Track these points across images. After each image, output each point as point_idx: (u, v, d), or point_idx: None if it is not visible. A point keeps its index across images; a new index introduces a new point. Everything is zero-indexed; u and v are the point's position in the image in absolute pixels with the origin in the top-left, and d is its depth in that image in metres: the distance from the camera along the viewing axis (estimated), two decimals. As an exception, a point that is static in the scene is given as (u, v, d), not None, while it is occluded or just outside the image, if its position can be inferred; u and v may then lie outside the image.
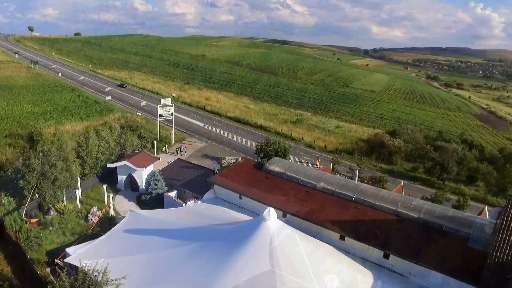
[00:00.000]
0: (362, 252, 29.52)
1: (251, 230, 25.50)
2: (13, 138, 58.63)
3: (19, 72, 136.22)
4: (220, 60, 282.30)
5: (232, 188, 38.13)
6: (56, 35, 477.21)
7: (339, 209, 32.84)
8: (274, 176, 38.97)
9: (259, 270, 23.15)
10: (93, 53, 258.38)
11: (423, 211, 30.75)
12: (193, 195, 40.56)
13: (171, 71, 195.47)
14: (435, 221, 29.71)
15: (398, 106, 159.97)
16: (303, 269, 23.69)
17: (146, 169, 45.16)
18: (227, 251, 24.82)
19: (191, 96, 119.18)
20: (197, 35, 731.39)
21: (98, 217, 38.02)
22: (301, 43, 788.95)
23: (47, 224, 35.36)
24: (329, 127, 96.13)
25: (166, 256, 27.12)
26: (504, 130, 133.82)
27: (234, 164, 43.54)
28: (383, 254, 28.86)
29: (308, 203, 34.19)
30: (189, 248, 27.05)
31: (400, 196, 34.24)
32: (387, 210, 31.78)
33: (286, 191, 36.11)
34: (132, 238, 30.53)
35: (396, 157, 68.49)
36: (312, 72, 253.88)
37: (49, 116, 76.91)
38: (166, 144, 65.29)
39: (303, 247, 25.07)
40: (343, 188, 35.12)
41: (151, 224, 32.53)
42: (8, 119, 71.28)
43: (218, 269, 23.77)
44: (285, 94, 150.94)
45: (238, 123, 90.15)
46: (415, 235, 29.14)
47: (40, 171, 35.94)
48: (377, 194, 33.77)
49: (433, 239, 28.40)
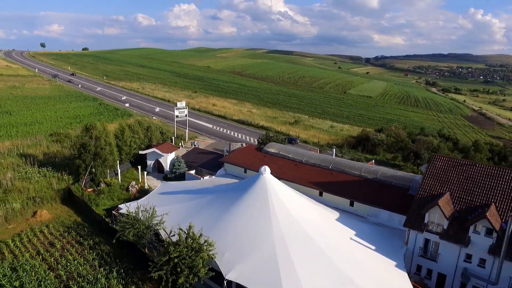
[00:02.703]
0: (334, 203, 40.56)
1: (252, 182, 36.69)
2: (56, 136, 70.55)
3: (43, 85, 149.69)
4: (224, 70, 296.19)
5: (239, 165, 49.51)
6: (66, 50, 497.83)
7: (319, 175, 44.04)
8: (271, 155, 50.31)
9: (259, 206, 34.23)
10: (104, 66, 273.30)
11: (379, 173, 41.92)
12: (208, 172, 51.98)
13: (179, 81, 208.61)
14: (387, 179, 40.82)
15: (392, 110, 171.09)
16: (289, 205, 34.73)
17: (169, 155, 56.72)
18: (238, 195, 35.97)
19: (199, 103, 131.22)
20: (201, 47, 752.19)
21: (136, 189, 49.46)
22: (303, 53, 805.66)
23: (100, 192, 46.88)
24: (324, 127, 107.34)
25: (192, 204, 38.34)
26: (490, 129, 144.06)
27: (239, 148, 54.97)
28: (349, 202, 39.96)
29: (296, 172, 45.42)
30: (208, 198, 38.30)
31: (364, 165, 45.48)
32: (353, 174, 42.94)
33: (280, 165, 47.34)
34: (166, 196, 41.84)
35: (378, 148, 79.41)
36: (312, 80, 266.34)
37: (79, 119, 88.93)
38: (181, 140, 76.86)
39: (289, 191, 36.28)
40: (322, 161, 46.40)
41: (178, 188, 43.92)
42: (47, 122, 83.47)
43: (232, 205, 34.93)
44: (285, 100, 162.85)
45: (242, 125, 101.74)
46: (372, 189, 40.23)
47: (94, 152, 47.57)
48: (347, 164, 45.02)
49: (385, 191, 39.46)
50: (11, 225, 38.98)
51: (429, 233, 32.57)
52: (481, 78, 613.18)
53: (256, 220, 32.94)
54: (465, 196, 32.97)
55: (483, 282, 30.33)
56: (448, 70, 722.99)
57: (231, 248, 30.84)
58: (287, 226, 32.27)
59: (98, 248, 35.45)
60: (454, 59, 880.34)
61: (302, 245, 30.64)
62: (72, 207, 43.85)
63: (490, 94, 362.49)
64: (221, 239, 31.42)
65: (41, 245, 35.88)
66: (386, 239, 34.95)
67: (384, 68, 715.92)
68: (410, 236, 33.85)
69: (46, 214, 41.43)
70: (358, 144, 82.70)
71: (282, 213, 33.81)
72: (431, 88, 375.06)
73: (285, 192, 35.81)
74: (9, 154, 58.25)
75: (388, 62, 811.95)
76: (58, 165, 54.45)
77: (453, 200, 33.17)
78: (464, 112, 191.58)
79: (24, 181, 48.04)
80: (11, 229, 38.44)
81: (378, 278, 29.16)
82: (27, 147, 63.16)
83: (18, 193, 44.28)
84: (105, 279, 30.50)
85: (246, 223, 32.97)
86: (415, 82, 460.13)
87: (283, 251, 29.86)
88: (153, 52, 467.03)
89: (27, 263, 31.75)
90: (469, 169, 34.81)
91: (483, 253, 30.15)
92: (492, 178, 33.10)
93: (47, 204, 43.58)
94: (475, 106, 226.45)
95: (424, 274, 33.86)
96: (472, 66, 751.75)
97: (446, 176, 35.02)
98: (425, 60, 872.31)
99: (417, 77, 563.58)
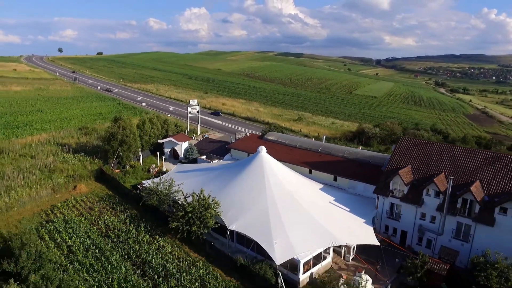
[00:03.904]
0: (321, 179, 48.54)
1: (252, 159, 45.04)
2: (84, 129, 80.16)
3: (65, 87, 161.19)
4: (234, 73, 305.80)
5: (243, 150, 57.95)
6: (82, 55, 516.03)
7: (309, 156, 52.14)
8: (270, 142, 58.58)
9: (256, 176, 42.50)
10: (119, 69, 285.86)
11: (359, 154, 49.86)
12: (217, 157, 60.58)
13: (191, 83, 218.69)
14: (365, 159, 48.70)
15: (395, 108, 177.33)
16: (281, 176, 42.90)
17: (184, 144, 65.53)
18: (240, 169, 44.37)
19: (210, 102, 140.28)
20: (212, 51, 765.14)
21: (156, 170, 58.34)
22: (314, 55, 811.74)
23: (125, 172, 55.90)
24: (325, 123, 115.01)
25: (202, 177, 46.87)
26: (489, 126, 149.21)
27: (244, 137, 63.44)
28: (333, 178, 47.95)
29: (291, 155, 53.61)
30: (216, 173, 46.85)
31: (347, 148, 53.47)
32: (338, 155, 50.93)
33: (277, 150, 55.56)
34: (181, 174, 50.50)
35: (373, 141, 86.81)
36: (319, 81, 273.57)
37: (102, 117, 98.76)
38: (194, 134, 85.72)
39: (281, 166, 44.52)
40: (313, 145, 54.53)
41: (191, 168, 52.59)
42: (74, 119, 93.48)
43: (235, 177, 43.33)
44: (291, 100, 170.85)
45: (249, 121, 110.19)
46: (352, 166, 48.14)
47: (121, 139, 56.67)
48: (334, 147, 53.07)
49: (362, 168, 47.32)
50: (58, 195, 48.24)
51: (393, 198, 40.36)
52: (493, 79, 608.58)
53: (253, 187, 41.26)
54: (423, 168, 40.67)
55: (434, 234, 37.98)
56: (459, 71, 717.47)
57: (233, 208, 39.20)
58: (278, 191, 40.49)
59: (127, 212, 44.30)
60: (467, 59, 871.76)
61: (289, 205, 38.81)
62: (104, 183, 52.96)
63: (499, 94, 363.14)
64: (225, 201, 39.83)
65: (83, 209, 44.94)
66: (360, 204, 42.82)
67: (394, 69, 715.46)
68: (379, 201, 41.69)
69: (84, 187, 50.60)
70: (354, 138, 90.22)
71: (274, 182, 42.00)
72: (439, 88, 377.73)
73: (277, 167, 44.08)
74: (47, 143, 67.98)
75: (399, 64, 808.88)
76: (89, 152, 63.79)
77: (413, 171, 40.90)
78: (467, 111, 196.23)
79: (63, 163, 57.45)
80: (58, 198, 47.67)
81: (347, 229, 37.12)
82: (60, 138, 72.89)
83: (60, 172, 53.65)
84: (135, 231, 39.28)
85: (245, 189, 41.34)
86: (424, 83, 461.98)
87: (273, 208, 38.06)
88: (165, 56, 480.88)
89: (75, 219, 40.79)
90: (427, 146, 42.53)
91: (433, 211, 37.80)
92: (444, 153, 40.76)
93: (84, 180, 52.76)
94: (480, 105, 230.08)
95: (391, 232, 41.61)
96: (485, 67, 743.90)
97: (409, 152, 42.78)
98: (437, 61, 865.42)
99: (427, 78, 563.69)
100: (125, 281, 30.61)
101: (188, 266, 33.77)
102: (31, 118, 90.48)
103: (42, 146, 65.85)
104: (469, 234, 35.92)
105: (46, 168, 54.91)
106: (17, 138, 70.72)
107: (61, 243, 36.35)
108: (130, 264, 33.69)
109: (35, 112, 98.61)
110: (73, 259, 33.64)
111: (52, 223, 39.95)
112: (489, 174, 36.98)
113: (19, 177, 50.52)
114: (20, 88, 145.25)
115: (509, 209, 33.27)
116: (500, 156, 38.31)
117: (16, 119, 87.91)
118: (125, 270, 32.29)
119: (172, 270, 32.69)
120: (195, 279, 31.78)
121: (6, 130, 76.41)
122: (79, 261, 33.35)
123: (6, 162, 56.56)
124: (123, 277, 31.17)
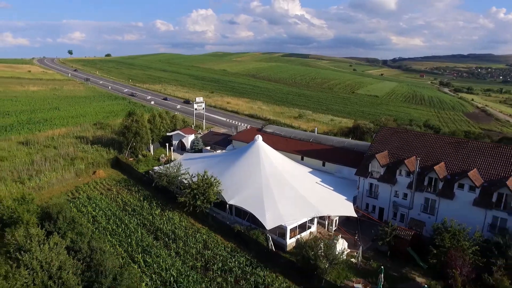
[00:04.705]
0: (311, 165, 54.61)
1: (249, 146, 51.36)
2: (99, 125, 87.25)
3: (78, 87, 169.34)
4: (239, 73, 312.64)
5: (244, 141, 64.21)
6: (90, 57, 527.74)
7: (302, 146, 58.28)
8: (268, 134, 64.83)
9: (253, 160, 48.75)
10: (128, 71, 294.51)
11: (346, 143, 55.90)
12: (220, 147, 67.00)
13: (197, 83, 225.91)
14: (351, 147, 54.70)
15: (394, 107, 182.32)
16: (274, 160, 49.12)
17: (190, 136, 72.09)
18: (239, 155, 50.72)
19: (215, 101, 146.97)
20: (218, 52, 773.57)
21: (165, 159, 64.96)
22: (320, 56, 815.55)
23: (138, 160, 62.63)
24: (324, 120, 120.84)
25: (206, 163, 53.27)
26: (485, 123, 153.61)
27: (245, 130, 69.80)
28: (322, 163, 54.02)
29: (286, 144, 59.79)
30: (218, 158, 53.27)
31: (336, 138, 59.52)
32: (327, 144, 57.01)
33: (274, 140, 61.75)
34: (188, 160, 56.99)
35: (366, 135, 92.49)
36: (323, 81, 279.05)
37: (114, 114, 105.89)
38: (199, 129, 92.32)
39: (275, 152, 50.76)
40: (306, 136, 60.74)
41: (197, 156, 59.07)
42: (88, 116, 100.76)
43: (234, 161, 49.69)
44: (294, 99, 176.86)
45: (252, 118, 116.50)
46: (339, 153, 54.16)
47: (134, 131, 63.40)
48: (324, 137, 59.19)
49: (348, 154, 53.32)
50: (80, 178, 55.09)
51: (372, 179, 46.35)
52: (500, 78, 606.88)
53: (250, 169, 47.57)
54: (398, 152, 46.56)
55: (406, 209, 43.88)
56: (466, 70, 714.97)
57: (232, 186, 45.51)
58: (271, 172, 46.72)
59: (141, 192, 50.87)
60: (475, 59, 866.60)
61: (280, 183, 45.01)
62: (119, 170, 59.68)
63: (503, 93, 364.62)
64: (226, 181, 46.14)
65: (102, 189, 51.69)
66: (344, 185, 48.81)
67: (400, 69, 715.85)
68: (360, 182, 47.68)
69: (102, 173, 57.38)
70: (350, 132, 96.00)
71: (268, 165, 48.28)
72: (443, 88, 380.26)
73: (272, 153, 50.39)
74: (67, 136, 75.12)
75: (406, 64, 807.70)
76: (104, 143, 70.65)
77: (389, 156, 46.80)
78: (467, 109, 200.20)
79: (82, 153, 64.37)
80: (81, 181, 54.50)
81: (330, 203, 43.21)
82: (78, 132, 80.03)
83: (81, 159, 60.55)
84: (148, 206, 45.87)
85: (243, 171, 47.68)
86: (430, 83, 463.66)
87: (266, 186, 44.29)
88: (172, 57, 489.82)
89: (97, 196, 47.54)
90: (403, 134, 48.49)
91: (404, 189, 43.70)
92: (417, 139, 46.66)
93: (101, 167, 59.52)
94: (482, 104, 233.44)
95: (371, 209, 47.52)
96: (492, 66, 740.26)
97: (387, 140, 48.75)
98: (444, 61, 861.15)
99: (433, 78, 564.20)
100: (141, 241, 37.13)
101: (193, 233, 40.17)
102: (50, 115, 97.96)
103: (62, 139, 72.99)
104: (434, 207, 41.78)
105: (68, 157, 61.88)
106: (40, 132, 78.03)
107: (86, 214, 43.06)
108: (145, 230, 40.23)
109: (52, 109, 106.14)
110: (98, 226, 40.30)
111: (77, 199, 46.75)
112: (452, 156, 42.82)
113: (46, 163, 57.50)
114: (36, 88, 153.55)
115: (465, 184, 39.10)
116: (462, 141, 44.16)
117: (36, 115, 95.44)
118: (141, 234, 38.85)
119: (180, 234, 39.15)
120: (199, 242, 38.15)
121: (29, 125, 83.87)
122: (103, 227, 40.00)
123: (33, 152, 63.70)
124: (139, 239, 37.69)
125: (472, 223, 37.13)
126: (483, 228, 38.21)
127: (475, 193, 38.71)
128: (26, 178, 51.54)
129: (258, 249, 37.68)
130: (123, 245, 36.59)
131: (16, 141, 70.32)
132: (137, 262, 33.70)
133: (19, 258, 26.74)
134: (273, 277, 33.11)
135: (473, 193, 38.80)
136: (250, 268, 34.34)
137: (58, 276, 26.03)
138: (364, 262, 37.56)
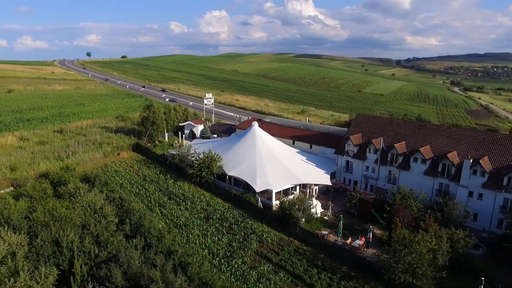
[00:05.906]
0: (301, 147, 64.28)
1: (247, 132, 61.42)
2: (120, 117, 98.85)
3: (98, 86, 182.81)
4: (250, 74, 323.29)
5: (245, 129, 74.26)
6: (107, 58, 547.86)
7: (294, 132, 68.05)
8: (266, 123, 74.77)
9: (249, 142, 58.72)
10: (144, 71, 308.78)
11: (330, 129, 65.41)
12: (225, 135, 77.29)
13: (209, 83, 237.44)
14: (335, 133, 64.15)
15: (398, 104, 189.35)
16: (267, 142, 58.97)
17: (200, 126, 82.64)
18: (238, 138, 60.84)
19: (225, 99, 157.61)
20: (231, 53, 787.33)
21: (178, 145, 75.60)
22: (333, 57, 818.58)
23: (155, 145, 73.48)
24: (325, 115, 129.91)
25: (211, 146, 63.56)
26: (483, 119, 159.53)
27: (246, 120, 79.94)
28: (309, 146, 63.65)
29: (281, 131, 69.64)
30: (221, 142, 63.52)
31: (323, 125, 69.02)
32: (315, 130, 66.65)
33: (271, 128, 71.66)
34: (197, 145, 67.48)
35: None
36: (331, 81, 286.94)
37: (133, 109, 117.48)
38: (209, 122, 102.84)
39: (268, 136, 60.68)
40: (297, 124, 70.51)
41: (205, 141, 69.49)
42: (110, 110, 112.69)
43: (234, 143, 59.81)
44: (300, 97, 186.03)
45: (258, 113, 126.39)
46: (324, 137, 63.69)
47: (152, 121, 74.27)
48: (312, 125, 68.83)
49: (331, 138, 62.78)
50: (107, 158, 66.19)
51: (347, 157, 55.74)
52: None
53: (247, 149, 57.59)
54: (369, 135, 55.81)
55: (374, 180, 53.12)
56: (481, 70, 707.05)
57: (231, 162, 55.57)
58: (264, 151, 56.60)
59: (157, 168, 61.49)
60: (492, 58, 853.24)
61: (271, 159, 54.87)
62: (139, 152, 70.60)
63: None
64: (226, 158, 56.23)
65: (126, 166, 62.58)
66: (325, 163, 58.31)
67: (413, 69, 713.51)
68: (338, 160, 57.12)
69: (125, 154, 68.39)
70: (345, 125, 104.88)
71: (262, 146, 58.12)
72: (453, 87, 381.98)
73: (266, 136, 60.36)
74: (93, 127, 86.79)
75: (420, 64, 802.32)
76: (126, 132, 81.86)
77: (362, 137, 56.10)
78: (470, 107, 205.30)
79: (108, 139, 75.64)
80: (108, 160, 65.57)
81: (310, 175, 52.82)
82: (102, 123, 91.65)
83: (107, 144, 71.76)
84: (163, 177, 56.48)
85: (241, 150, 57.74)
86: (442, 82, 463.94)
87: (259, 161, 54.19)
88: (186, 58, 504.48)
89: (122, 170, 58.47)
90: (375, 120, 57.78)
91: (373, 164, 52.97)
92: (386, 124, 55.83)
93: (124, 150, 70.50)
94: (487, 102, 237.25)
95: (347, 183, 56.85)
96: (509, 65, 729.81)
97: (362, 124, 58.09)
98: (459, 60, 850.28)
99: (445, 77, 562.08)
100: (158, 199, 47.67)
101: (199, 196, 50.48)
102: (76, 110, 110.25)
103: (90, 128, 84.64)
104: (396, 178, 50.96)
105: (96, 142, 73.21)
106: (70, 123, 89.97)
107: (115, 182, 53.90)
108: (161, 193, 50.77)
109: (78, 105, 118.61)
110: (124, 190, 51.05)
111: (107, 172, 57.71)
112: (412, 136, 51.90)
113: (79, 146, 68.89)
114: (61, 87, 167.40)
115: (418, 158, 48.23)
116: (422, 125, 53.24)
117: (65, 110, 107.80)
118: (158, 195, 49.41)
119: (188, 196, 49.55)
120: (203, 202, 48.41)
121: (60, 118, 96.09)
122: (128, 190, 50.74)
123: (67, 138, 75.41)
124: (157, 198, 48.25)
125: (425, 189, 46.42)
126: (432, 193, 47.32)
127: (425, 165, 47.83)
128: (65, 157, 62.92)
129: (250, 207, 47.68)
130: (144, 202, 47.19)
131: (52, 130, 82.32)
132: (155, 212, 44.19)
133: (73, 201, 37.47)
134: (259, 225, 43.06)
135: (424, 165, 47.93)
136: (241, 219, 44.38)
137: (101, 212, 36.59)
138: (333, 219, 47.08)
